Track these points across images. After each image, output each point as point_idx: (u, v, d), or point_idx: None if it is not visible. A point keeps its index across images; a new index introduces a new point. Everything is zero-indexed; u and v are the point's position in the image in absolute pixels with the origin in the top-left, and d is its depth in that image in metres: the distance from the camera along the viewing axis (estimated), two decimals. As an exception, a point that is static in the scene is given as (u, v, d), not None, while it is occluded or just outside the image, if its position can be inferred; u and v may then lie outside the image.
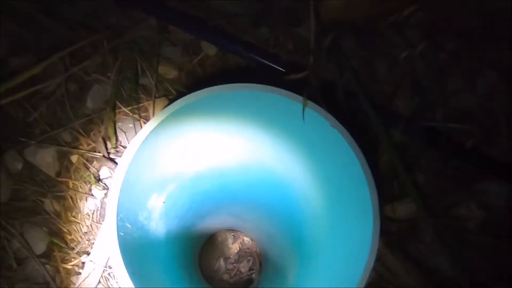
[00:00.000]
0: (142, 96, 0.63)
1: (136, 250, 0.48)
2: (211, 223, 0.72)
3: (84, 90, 0.63)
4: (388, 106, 0.60)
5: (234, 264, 0.72)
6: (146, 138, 0.45)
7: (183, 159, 0.56)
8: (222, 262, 0.72)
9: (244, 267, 0.72)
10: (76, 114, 0.63)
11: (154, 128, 0.45)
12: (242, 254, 0.72)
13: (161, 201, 0.59)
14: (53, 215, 0.63)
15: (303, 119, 0.43)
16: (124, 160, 0.44)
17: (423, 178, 0.62)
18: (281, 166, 0.57)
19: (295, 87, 0.46)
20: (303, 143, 0.51)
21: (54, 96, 0.63)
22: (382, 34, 0.57)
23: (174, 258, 0.63)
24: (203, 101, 0.45)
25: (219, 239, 0.73)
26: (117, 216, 0.42)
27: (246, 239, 0.73)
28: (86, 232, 0.63)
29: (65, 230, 0.63)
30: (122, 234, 0.44)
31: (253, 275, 0.72)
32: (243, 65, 0.62)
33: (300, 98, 0.43)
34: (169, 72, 0.63)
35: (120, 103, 0.63)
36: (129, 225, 0.47)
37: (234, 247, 0.73)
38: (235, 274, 0.71)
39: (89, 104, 0.64)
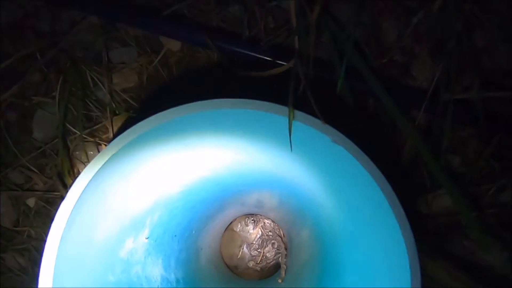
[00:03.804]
0: (98, 114, 0.51)
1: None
2: (225, 216, 0.66)
3: (26, 118, 0.51)
4: (403, 80, 0.47)
5: (259, 250, 0.68)
6: (91, 180, 0.34)
7: (160, 183, 0.46)
8: (245, 249, 0.68)
9: (269, 251, 0.68)
10: (23, 149, 0.51)
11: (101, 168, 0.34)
12: (265, 238, 0.68)
13: (144, 238, 0.48)
14: (19, 272, 0.52)
15: (291, 148, 0.31)
16: (58, 220, 0.32)
17: (458, 161, 0.49)
18: (282, 171, 0.48)
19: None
20: (301, 153, 0.39)
21: (-10, 131, 0.51)
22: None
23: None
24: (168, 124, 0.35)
25: (239, 226, 0.69)
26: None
27: (267, 221, 0.69)
28: None
29: (36, 288, 0.52)
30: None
31: (280, 259, 0.67)
32: (215, 60, 0.49)
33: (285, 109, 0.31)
34: (127, 80, 0.50)
35: (73, 127, 0.51)
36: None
37: (255, 232, 0.68)
38: (261, 260, 0.67)
39: (37, 134, 0.51)
